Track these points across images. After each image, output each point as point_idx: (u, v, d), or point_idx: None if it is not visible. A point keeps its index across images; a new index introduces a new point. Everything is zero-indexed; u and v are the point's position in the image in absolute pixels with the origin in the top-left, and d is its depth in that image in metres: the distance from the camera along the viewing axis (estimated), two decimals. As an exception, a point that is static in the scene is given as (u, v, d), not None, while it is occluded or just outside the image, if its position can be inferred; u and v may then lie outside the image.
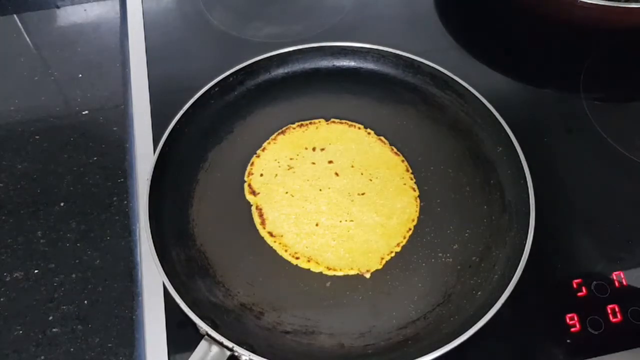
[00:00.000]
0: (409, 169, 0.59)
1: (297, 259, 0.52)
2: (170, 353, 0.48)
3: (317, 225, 0.55)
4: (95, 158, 0.62)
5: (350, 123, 0.62)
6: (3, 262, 0.55)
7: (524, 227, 0.51)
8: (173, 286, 0.47)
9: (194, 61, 0.70)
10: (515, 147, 0.56)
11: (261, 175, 0.58)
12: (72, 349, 0.50)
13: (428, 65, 0.63)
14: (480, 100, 0.60)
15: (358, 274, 0.52)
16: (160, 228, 0.52)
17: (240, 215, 0.55)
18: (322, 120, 0.62)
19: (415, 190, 0.57)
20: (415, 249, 0.53)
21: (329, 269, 0.52)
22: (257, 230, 0.54)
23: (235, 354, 0.45)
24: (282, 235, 0.54)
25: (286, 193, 0.57)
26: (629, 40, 0.71)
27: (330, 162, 0.59)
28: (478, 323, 0.45)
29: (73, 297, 0.53)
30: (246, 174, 0.58)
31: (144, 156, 0.59)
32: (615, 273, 0.53)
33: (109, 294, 0.53)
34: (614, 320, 0.50)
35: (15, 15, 0.77)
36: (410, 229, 0.55)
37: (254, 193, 0.57)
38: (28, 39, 0.75)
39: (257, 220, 0.55)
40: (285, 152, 0.60)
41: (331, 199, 0.56)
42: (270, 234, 0.54)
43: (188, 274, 0.51)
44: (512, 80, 0.69)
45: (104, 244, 0.56)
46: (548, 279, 0.52)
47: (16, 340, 0.51)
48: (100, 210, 0.58)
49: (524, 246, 0.50)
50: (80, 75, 0.70)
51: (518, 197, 0.54)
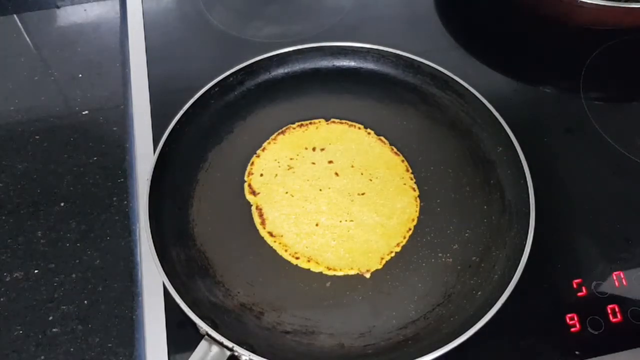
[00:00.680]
0: (409, 169, 0.59)
1: (297, 259, 0.52)
2: (170, 353, 0.48)
3: (317, 225, 0.55)
4: (95, 158, 0.62)
5: (350, 123, 0.62)
6: (3, 262, 0.55)
7: (524, 227, 0.51)
8: (173, 286, 0.47)
9: (194, 61, 0.70)
10: (515, 147, 0.56)
11: (261, 175, 0.58)
12: (72, 349, 0.50)
13: (428, 65, 0.63)
14: (480, 100, 0.60)
15: (358, 274, 0.52)
16: (160, 228, 0.52)
17: (240, 215, 0.55)
18: (322, 120, 0.62)
19: (415, 190, 0.57)
20: (415, 249, 0.53)
21: (329, 269, 0.52)
22: (257, 230, 0.54)
23: (235, 354, 0.45)
24: (282, 235, 0.54)
25: (286, 193, 0.57)
26: (629, 40, 0.71)
27: (330, 162, 0.59)
28: (478, 323, 0.45)
29: (73, 297, 0.53)
30: (246, 174, 0.58)
31: (144, 156, 0.59)
32: (615, 273, 0.53)
33: (109, 294, 0.53)
34: (614, 320, 0.50)
35: (15, 15, 0.77)
36: (410, 229, 0.55)
37: (254, 193, 0.57)
38: (28, 39, 0.75)
39: (257, 220, 0.55)
40: (285, 152, 0.60)
41: (331, 199, 0.56)
42: (270, 234, 0.54)
43: (188, 274, 0.51)
44: (512, 80, 0.69)
45: (104, 244, 0.56)
46: (548, 279, 0.52)
47: (16, 340, 0.51)
48: (100, 210, 0.58)
49: (524, 246, 0.50)
50: (80, 75, 0.70)
51: (518, 197, 0.54)
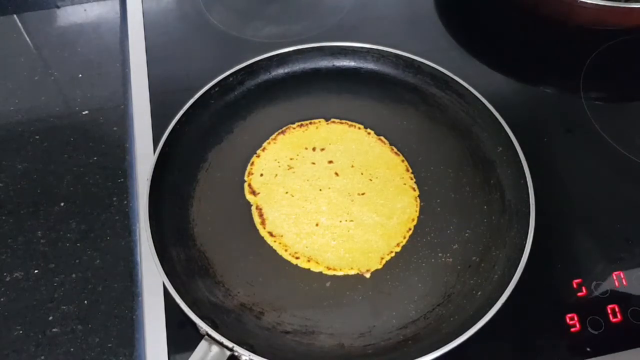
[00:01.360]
0: (409, 169, 0.59)
1: (297, 258, 0.52)
2: (170, 353, 0.48)
3: (317, 225, 0.55)
4: (95, 158, 0.62)
5: (350, 123, 0.62)
6: (3, 262, 0.55)
7: (524, 227, 0.51)
8: (173, 286, 0.47)
9: (194, 61, 0.70)
10: (515, 147, 0.56)
11: (261, 175, 0.58)
12: (72, 349, 0.50)
13: (428, 65, 0.63)
14: (480, 100, 0.60)
15: (358, 274, 0.52)
16: (160, 228, 0.52)
17: (240, 215, 0.55)
18: (322, 120, 0.62)
19: (415, 190, 0.57)
20: (415, 249, 0.53)
21: (329, 268, 0.52)
22: (257, 230, 0.54)
23: (235, 354, 0.45)
24: (282, 235, 0.54)
25: (286, 193, 0.57)
26: (629, 40, 0.71)
27: (330, 162, 0.59)
28: (478, 323, 0.45)
29: (73, 297, 0.53)
30: (246, 174, 0.58)
31: (144, 156, 0.59)
32: (615, 273, 0.53)
33: (109, 294, 0.53)
34: (614, 320, 0.50)
35: (15, 15, 0.77)
36: (410, 229, 0.55)
37: (254, 193, 0.57)
38: (28, 39, 0.75)
39: (257, 220, 0.55)
40: (285, 152, 0.60)
41: (331, 199, 0.56)
42: (270, 234, 0.54)
43: (188, 274, 0.51)
44: (512, 80, 0.69)
45: (104, 244, 0.56)
46: (548, 279, 0.52)
47: (16, 340, 0.51)
48: (100, 210, 0.58)
49: (524, 246, 0.50)
50: (80, 75, 0.70)
51: (518, 197, 0.54)
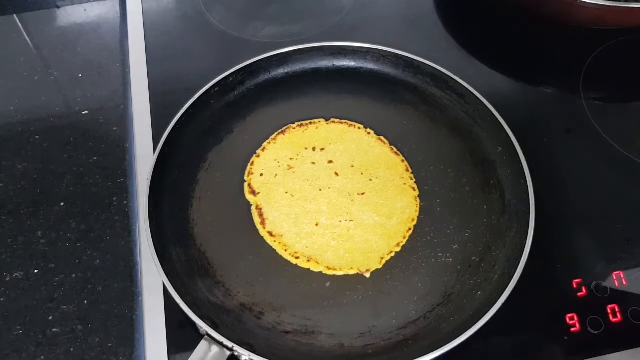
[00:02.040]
0: (409, 169, 0.59)
1: (297, 258, 0.52)
2: (170, 353, 0.48)
3: (317, 225, 0.55)
4: (95, 158, 0.62)
5: (350, 123, 0.62)
6: (3, 262, 0.55)
7: (524, 227, 0.51)
8: (173, 286, 0.47)
9: (194, 61, 0.70)
10: (515, 147, 0.56)
11: (261, 175, 0.58)
12: (72, 349, 0.50)
13: (428, 65, 0.63)
14: (480, 100, 0.60)
15: (358, 274, 0.52)
16: (160, 228, 0.52)
17: (240, 215, 0.55)
18: (322, 120, 0.62)
19: (415, 190, 0.57)
20: (415, 249, 0.53)
21: (329, 268, 0.52)
22: (257, 230, 0.54)
23: (235, 354, 0.45)
24: (282, 235, 0.54)
25: (286, 193, 0.57)
26: (629, 40, 0.71)
27: (330, 162, 0.59)
28: (478, 323, 0.45)
29: (73, 297, 0.53)
30: (246, 174, 0.58)
31: (144, 156, 0.59)
32: (615, 273, 0.53)
33: (109, 294, 0.53)
34: (614, 320, 0.50)
35: (15, 15, 0.77)
36: (410, 229, 0.55)
37: (254, 193, 0.57)
38: (28, 39, 0.75)
39: (257, 220, 0.55)
40: (285, 152, 0.60)
41: (331, 199, 0.56)
42: (270, 234, 0.54)
43: (188, 274, 0.51)
44: (512, 80, 0.69)
45: (104, 244, 0.56)
46: (548, 279, 0.52)
47: (16, 340, 0.51)
48: (100, 210, 0.58)
49: (524, 246, 0.50)
50: (80, 75, 0.70)
51: (518, 197, 0.54)
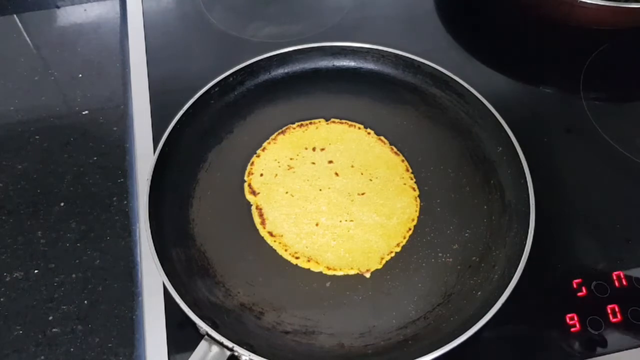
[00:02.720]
0: (409, 169, 0.59)
1: (297, 258, 0.52)
2: (170, 353, 0.48)
3: (317, 225, 0.55)
4: (95, 158, 0.62)
5: (350, 123, 0.62)
6: (3, 262, 0.55)
7: (524, 227, 0.51)
8: (173, 286, 0.47)
9: (194, 61, 0.70)
10: (515, 147, 0.56)
11: (261, 175, 0.58)
12: (72, 349, 0.50)
13: (428, 65, 0.63)
14: (480, 100, 0.60)
15: (358, 274, 0.52)
16: (160, 228, 0.52)
17: (240, 215, 0.55)
18: (322, 120, 0.62)
19: (415, 190, 0.57)
20: (415, 249, 0.53)
21: (329, 268, 0.52)
22: (257, 230, 0.54)
23: (235, 354, 0.45)
24: (282, 235, 0.54)
25: (286, 193, 0.57)
26: (629, 40, 0.71)
27: (330, 162, 0.59)
28: (478, 323, 0.45)
29: (73, 297, 0.53)
30: (246, 174, 0.58)
31: (144, 156, 0.59)
32: (615, 273, 0.53)
33: (109, 294, 0.53)
34: (614, 320, 0.50)
35: (15, 15, 0.77)
36: (410, 229, 0.55)
37: (254, 193, 0.57)
38: (28, 39, 0.75)
39: (257, 220, 0.55)
40: (285, 152, 0.60)
41: (331, 199, 0.56)
42: (270, 234, 0.54)
43: (188, 274, 0.51)
44: (512, 80, 0.69)
45: (104, 244, 0.56)
46: (548, 279, 0.52)
47: (16, 340, 0.51)
48: (100, 210, 0.58)
49: (524, 246, 0.50)
50: (80, 75, 0.70)
51: (518, 197, 0.54)
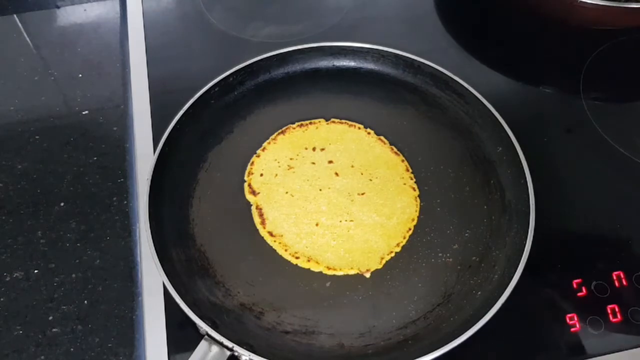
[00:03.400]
0: (409, 169, 0.59)
1: (297, 258, 0.52)
2: (170, 353, 0.48)
3: (317, 225, 0.55)
4: (95, 158, 0.62)
5: (350, 123, 0.62)
6: (3, 262, 0.55)
7: (524, 227, 0.51)
8: (173, 286, 0.47)
9: (194, 61, 0.70)
10: (515, 147, 0.56)
11: (261, 175, 0.58)
12: (72, 349, 0.50)
13: (428, 65, 0.63)
14: (480, 100, 0.60)
15: (358, 273, 0.52)
16: (160, 228, 0.52)
17: (240, 215, 0.55)
18: (322, 120, 0.62)
19: (415, 190, 0.57)
20: (415, 249, 0.53)
21: (329, 268, 0.52)
22: (257, 230, 0.54)
23: (235, 354, 0.45)
24: (282, 235, 0.54)
25: (286, 193, 0.57)
26: (629, 40, 0.71)
27: (330, 162, 0.59)
28: (478, 323, 0.45)
29: (73, 297, 0.53)
30: (246, 174, 0.58)
31: (144, 156, 0.59)
32: (615, 273, 0.53)
33: (109, 294, 0.53)
34: (614, 320, 0.50)
35: (15, 15, 0.77)
36: (410, 229, 0.55)
37: (254, 193, 0.57)
38: (28, 39, 0.75)
39: (257, 220, 0.55)
40: (285, 152, 0.60)
41: (331, 198, 0.56)
42: (270, 234, 0.54)
43: (188, 274, 0.51)
44: (512, 80, 0.69)
45: (104, 244, 0.56)
46: (548, 279, 0.52)
47: (16, 340, 0.51)
48: (100, 210, 0.58)
49: (524, 246, 0.50)
50: (80, 75, 0.70)
51: (518, 197, 0.54)
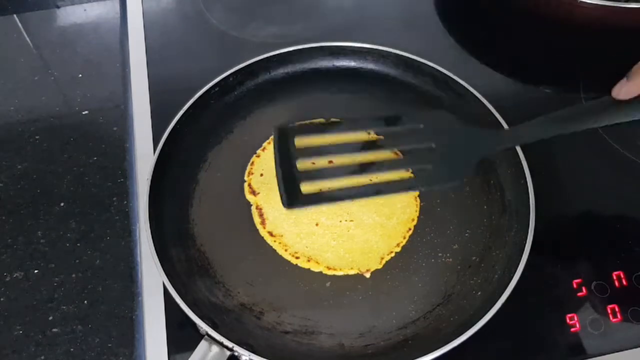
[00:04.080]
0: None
1: (297, 258, 0.52)
2: (170, 353, 0.48)
3: (317, 225, 0.55)
4: (95, 158, 0.62)
5: (350, 123, 0.62)
6: (3, 262, 0.55)
7: (524, 227, 0.51)
8: (173, 286, 0.47)
9: (194, 61, 0.70)
10: (515, 147, 0.56)
11: (261, 175, 0.58)
12: (72, 349, 0.50)
13: (428, 65, 0.63)
14: (480, 100, 0.60)
15: (358, 273, 0.52)
16: (160, 228, 0.52)
17: (240, 215, 0.55)
18: (322, 120, 0.62)
19: (415, 190, 0.57)
20: (415, 249, 0.53)
21: (329, 268, 0.52)
22: (257, 230, 0.54)
23: (235, 354, 0.45)
24: (282, 235, 0.54)
25: (286, 193, 0.57)
26: (629, 40, 0.70)
27: (330, 163, 0.59)
28: (478, 323, 0.45)
29: (73, 297, 0.53)
30: (246, 173, 0.58)
31: (144, 156, 0.59)
32: (615, 273, 0.53)
33: (109, 294, 0.53)
34: (614, 320, 0.50)
35: (15, 15, 0.77)
36: (410, 229, 0.55)
37: (254, 193, 0.57)
38: (28, 39, 0.75)
39: (257, 220, 0.55)
40: (285, 152, 0.60)
41: (331, 199, 0.56)
42: (270, 234, 0.54)
43: (188, 274, 0.51)
44: (512, 80, 0.69)
45: (104, 244, 0.56)
46: (548, 279, 0.52)
47: (16, 340, 0.51)
48: (100, 210, 0.58)
49: (524, 246, 0.50)
50: (80, 75, 0.70)
51: (518, 197, 0.54)
